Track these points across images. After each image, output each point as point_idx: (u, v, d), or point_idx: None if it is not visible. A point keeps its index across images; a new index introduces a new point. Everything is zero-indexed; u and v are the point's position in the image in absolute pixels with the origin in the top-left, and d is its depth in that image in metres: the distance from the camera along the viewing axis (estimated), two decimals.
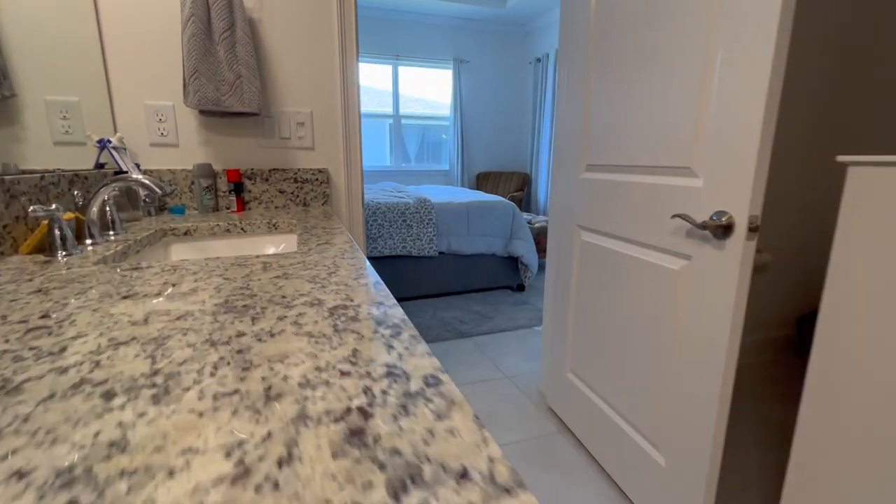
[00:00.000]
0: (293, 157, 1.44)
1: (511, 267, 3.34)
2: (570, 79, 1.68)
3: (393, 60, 5.58)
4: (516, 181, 5.80)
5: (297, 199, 1.44)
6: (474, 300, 3.17)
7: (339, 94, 1.43)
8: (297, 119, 1.41)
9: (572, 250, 1.71)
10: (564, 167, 1.74)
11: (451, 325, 2.74)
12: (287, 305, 0.51)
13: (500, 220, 3.25)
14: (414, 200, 3.12)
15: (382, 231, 2.96)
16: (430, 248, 3.05)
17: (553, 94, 5.34)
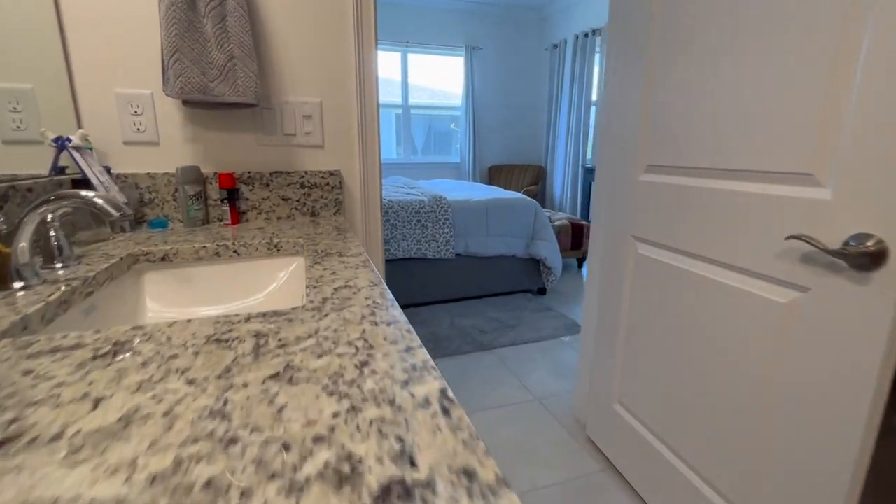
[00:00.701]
0: (299, 156, 1.18)
1: (532, 269, 3.08)
2: (624, 61, 1.41)
3: (402, 48, 5.28)
4: (530, 174, 5.52)
5: (305, 207, 1.19)
6: (493, 306, 2.93)
7: (354, 79, 1.17)
8: (303, 111, 1.15)
9: (624, 264, 1.45)
10: (615, 166, 1.47)
11: (471, 336, 2.50)
12: (289, 480, 0.26)
13: (521, 219, 2.99)
14: (429, 198, 2.86)
15: (395, 232, 2.71)
16: (447, 251, 2.79)
17: (571, 83, 5.03)
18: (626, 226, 1.43)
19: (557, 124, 5.31)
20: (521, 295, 3.13)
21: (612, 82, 1.52)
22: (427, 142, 7.99)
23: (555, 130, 5.39)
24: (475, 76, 5.49)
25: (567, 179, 5.15)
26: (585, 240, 3.68)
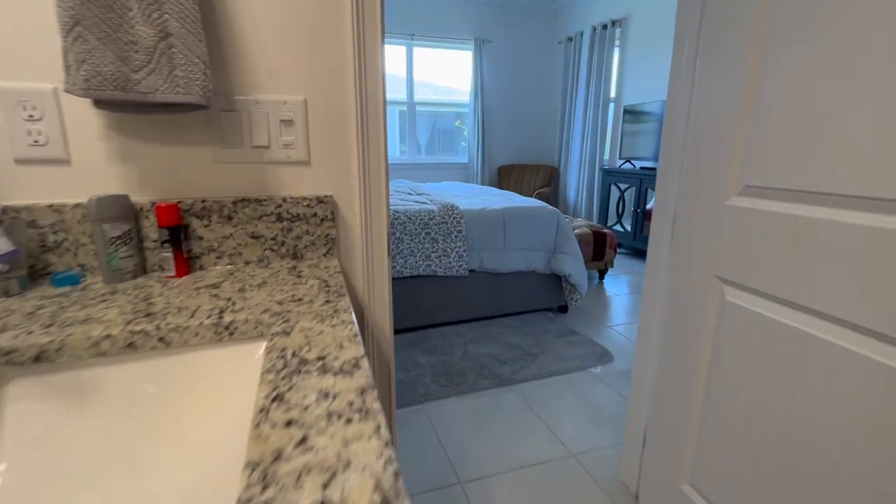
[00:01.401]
0: (275, 177, 0.84)
1: (552, 285, 2.74)
2: (709, 48, 1.05)
3: (407, 41, 4.92)
4: (542, 175, 5.17)
5: (284, 247, 0.85)
6: (510, 328, 2.59)
7: (352, 68, 0.83)
8: (280, 114, 0.81)
9: (704, 311, 1.11)
10: (691, 184, 1.13)
11: (488, 367, 2.16)
12: None
13: (541, 230, 2.64)
14: (439, 207, 2.51)
15: (402, 246, 2.37)
16: (460, 267, 2.45)
17: (587, 78, 4.66)
18: (707, 263, 1.09)
19: (572, 122, 4.95)
20: (541, 314, 2.79)
21: (677, 81, 1.16)
22: (431, 140, 7.65)
23: (569, 129, 5.02)
24: (484, 71, 5.13)
25: (582, 181, 4.80)
26: (609, 250, 3.34)
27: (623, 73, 4.39)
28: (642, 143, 3.97)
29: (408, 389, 1.99)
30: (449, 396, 1.97)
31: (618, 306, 2.99)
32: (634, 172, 3.90)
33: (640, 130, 3.98)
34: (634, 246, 3.96)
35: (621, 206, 4.13)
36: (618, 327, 2.66)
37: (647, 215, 3.86)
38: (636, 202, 3.87)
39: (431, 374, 2.10)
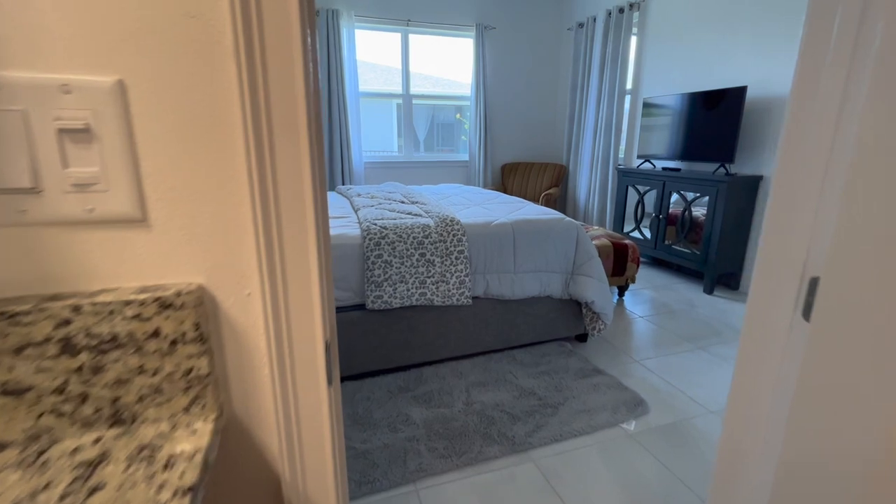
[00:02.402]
0: (58, 256, 0.38)
1: (569, 309, 2.28)
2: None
3: (402, 27, 4.41)
4: (550, 175, 4.69)
5: (84, 407, 0.39)
6: (522, 365, 2.13)
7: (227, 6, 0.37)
8: (60, 114, 0.35)
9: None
10: (851, 220, 0.66)
11: (497, 425, 1.72)
12: None
13: (558, 247, 2.18)
14: (436, 221, 2.05)
15: (390, 270, 1.91)
16: (461, 295, 1.99)
17: (601, 67, 4.17)
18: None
19: (584, 117, 4.46)
20: (556, 345, 2.33)
21: (820, 61, 0.70)
22: (430, 134, 7.13)
23: (580, 124, 4.53)
24: (487, 60, 4.63)
25: (594, 182, 4.32)
26: (631, 263, 2.88)
27: (641, 62, 3.89)
28: (663, 141, 3.49)
29: (395, 461, 1.54)
30: (449, 471, 1.52)
31: (643, 332, 2.54)
32: (655, 173, 3.43)
33: (660, 126, 3.50)
34: (655, 255, 3.50)
35: (640, 211, 3.66)
36: (647, 361, 2.21)
37: (669, 220, 3.40)
38: (658, 207, 3.40)
39: (426, 437, 1.65)
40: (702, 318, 2.70)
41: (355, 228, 2.02)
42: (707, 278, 3.08)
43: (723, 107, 2.99)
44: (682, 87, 3.50)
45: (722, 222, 2.95)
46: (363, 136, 4.54)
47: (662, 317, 2.74)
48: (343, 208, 2.52)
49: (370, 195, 2.73)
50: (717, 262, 3.02)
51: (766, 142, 2.94)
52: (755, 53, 2.95)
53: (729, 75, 3.13)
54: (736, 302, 2.96)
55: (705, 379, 2.06)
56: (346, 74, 4.19)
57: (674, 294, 3.09)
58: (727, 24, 3.11)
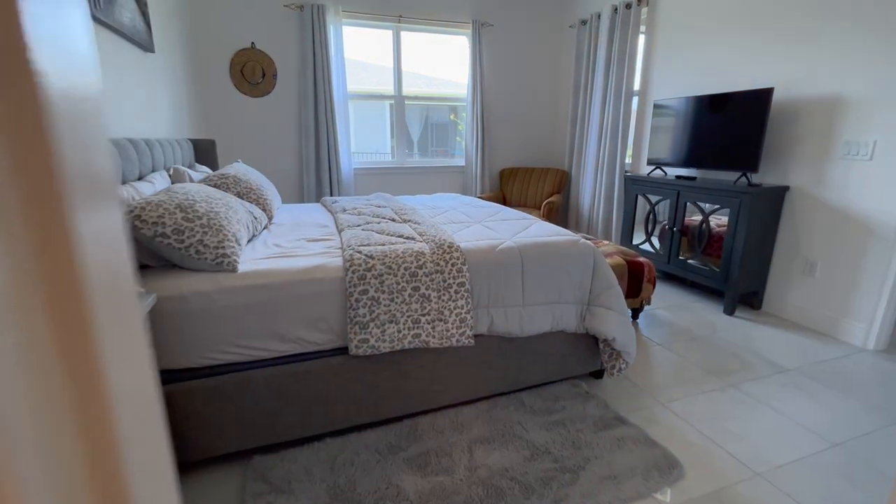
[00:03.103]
0: None
1: (584, 344, 1.98)
2: None
3: (393, 23, 4.08)
4: (551, 181, 4.39)
5: None
6: (532, 413, 1.82)
7: None
8: None
9: None
10: None
11: (506, 498, 1.40)
12: None
13: (573, 274, 1.87)
14: (431, 247, 1.73)
15: (378, 309, 1.59)
16: (462, 335, 1.68)
17: (606, 67, 3.87)
18: None
19: (588, 119, 4.16)
20: (569, 385, 2.02)
21: None
22: (424, 135, 6.83)
23: (583, 127, 4.23)
24: (484, 59, 4.31)
25: (599, 189, 4.02)
26: (646, 284, 2.58)
27: (651, 61, 3.59)
28: (676, 147, 3.19)
29: None
30: None
31: (663, 364, 2.24)
32: (668, 182, 3.13)
33: (673, 131, 3.21)
34: (668, 271, 3.21)
35: (651, 222, 3.37)
36: (674, 404, 1.91)
37: (684, 232, 3.10)
38: (672, 218, 3.11)
39: None
40: (726, 346, 2.41)
41: (336, 257, 1.69)
42: (728, 298, 2.79)
43: (745, 110, 2.69)
44: (697, 88, 3.21)
45: (745, 238, 2.66)
46: (356, 138, 4.22)
47: (682, 344, 2.44)
48: (326, 227, 2.19)
49: (357, 210, 2.40)
50: (739, 281, 2.73)
51: (793, 149, 2.65)
52: (781, 52, 2.65)
53: (751, 76, 2.83)
54: (760, 325, 2.67)
55: (743, 427, 1.76)
56: (334, 75, 3.86)
57: (692, 316, 2.79)
58: (749, 20, 2.81)
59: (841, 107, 2.40)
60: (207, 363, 1.47)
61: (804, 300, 2.66)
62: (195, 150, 2.85)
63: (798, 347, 2.40)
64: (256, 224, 1.96)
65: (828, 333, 2.55)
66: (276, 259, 1.67)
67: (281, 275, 1.53)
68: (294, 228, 2.16)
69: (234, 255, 1.53)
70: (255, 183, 2.27)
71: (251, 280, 1.49)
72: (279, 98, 3.86)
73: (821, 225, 2.55)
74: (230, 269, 1.50)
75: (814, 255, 2.59)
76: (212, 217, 1.55)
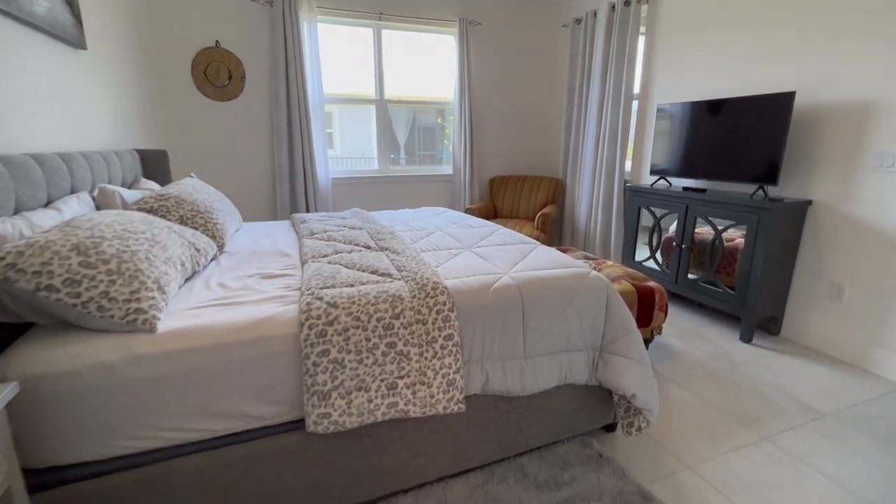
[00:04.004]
0: None
1: (595, 395, 1.65)
2: None
3: (373, 21, 3.72)
4: (545, 190, 4.07)
5: None
6: (535, 486, 1.48)
7: None
8: None
9: None
10: None
11: None
12: None
13: (584, 316, 1.54)
14: (411, 288, 1.38)
15: (342, 374, 1.23)
16: (450, 400, 1.33)
17: (603, 69, 3.56)
18: None
19: (584, 124, 3.85)
20: (578, 444, 1.69)
21: None
22: (411, 138, 6.53)
23: (579, 132, 3.92)
24: (472, 60, 3.97)
25: (597, 199, 3.71)
26: (658, 312, 2.26)
27: (652, 62, 3.29)
28: (682, 156, 2.89)
29: None
30: None
31: (684, 409, 1.92)
32: (675, 194, 2.83)
33: (678, 139, 2.91)
34: (676, 291, 2.90)
35: (657, 239, 3.06)
36: (703, 467, 1.59)
37: (692, 249, 2.80)
38: (681, 235, 2.80)
39: None
40: (749, 384, 2.10)
41: (292, 303, 1.33)
42: (745, 324, 2.50)
43: (763, 117, 2.40)
44: (704, 91, 2.91)
45: (764, 258, 2.36)
46: (341, 142, 3.85)
47: (700, 382, 2.13)
48: (287, 257, 1.83)
49: (326, 235, 2.04)
50: (757, 306, 2.43)
51: (816, 159, 2.36)
52: (801, 52, 2.36)
53: (765, 78, 2.54)
54: (782, 355, 2.38)
55: (789, 499, 1.45)
56: (308, 76, 3.49)
57: (706, 344, 2.49)
58: (763, 16, 2.52)
59: (873, 113, 2.12)
60: (115, 453, 1.10)
61: (829, 327, 2.38)
62: (143, 163, 2.45)
63: (829, 384, 2.11)
64: (199, 258, 1.59)
65: (858, 364, 2.27)
66: (215, 308, 1.31)
67: (216, 333, 1.17)
68: (249, 259, 1.79)
69: (154, 310, 1.16)
70: (205, 204, 1.90)
71: (176, 343, 1.13)
72: (248, 102, 3.48)
73: (849, 244, 2.26)
74: (147, 330, 1.14)
75: (841, 278, 2.31)
76: (125, 259, 1.19)
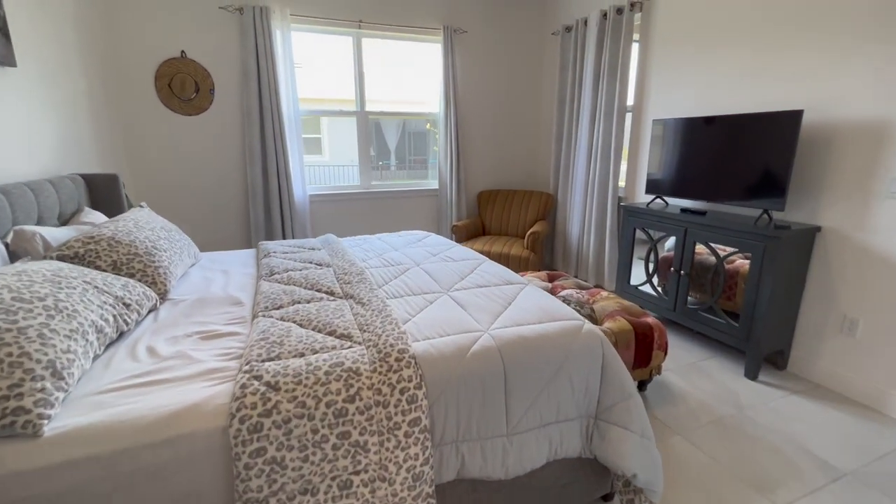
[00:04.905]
0: None
1: (589, 466, 1.43)
2: None
3: (353, 30, 3.49)
4: (535, 205, 3.85)
5: None
6: None
7: None
8: None
9: None
10: None
11: None
12: None
13: (575, 380, 1.31)
14: (372, 357, 1.15)
15: (282, 475, 1.00)
16: (418, 496, 1.10)
17: (595, 79, 3.35)
18: None
19: (575, 137, 3.63)
20: None
21: None
22: (401, 143, 6.38)
23: (570, 145, 3.71)
24: (458, 69, 3.75)
25: (589, 216, 3.50)
26: (657, 351, 2.05)
27: (646, 73, 3.08)
28: (680, 175, 2.69)
29: None
30: None
31: (691, 469, 1.70)
32: (672, 216, 2.62)
33: (675, 156, 2.70)
34: (674, 319, 2.69)
35: (653, 262, 2.85)
36: None
37: (691, 273, 2.59)
38: (679, 260, 2.60)
39: None
40: (760, 434, 1.89)
41: (225, 382, 1.10)
42: (750, 360, 2.29)
43: (768, 137, 2.19)
44: (702, 107, 2.71)
45: (771, 290, 2.15)
46: (332, 146, 3.60)
47: (706, 432, 1.91)
48: (238, 306, 1.59)
49: (287, 276, 1.80)
50: (763, 341, 2.23)
51: (824, 183, 2.16)
52: (809, 67, 2.16)
53: (768, 94, 2.34)
54: (791, 395, 2.17)
55: None
56: (282, 88, 3.24)
57: (709, 383, 2.28)
58: (766, 28, 2.32)
59: (889, 135, 1.92)
60: None
61: (841, 364, 2.18)
62: (90, 190, 2.20)
63: (846, 433, 1.91)
64: (129, 315, 1.35)
65: (873, 406, 2.07)
66: (132, 390, 1.07)
67: (121, 435, 0.93)
68: (194, 310, 1.55)
69: (42, 406, 0.92)
70: (146, 244, 1.65)
71: (66, 451, 0.89)
72: (218, 116, 3.23)
73: (863, 275, 2.06)
74: (30, 434, 0.90)
75: (854, 312, 2.11)
76: (5, 342, 0.94)
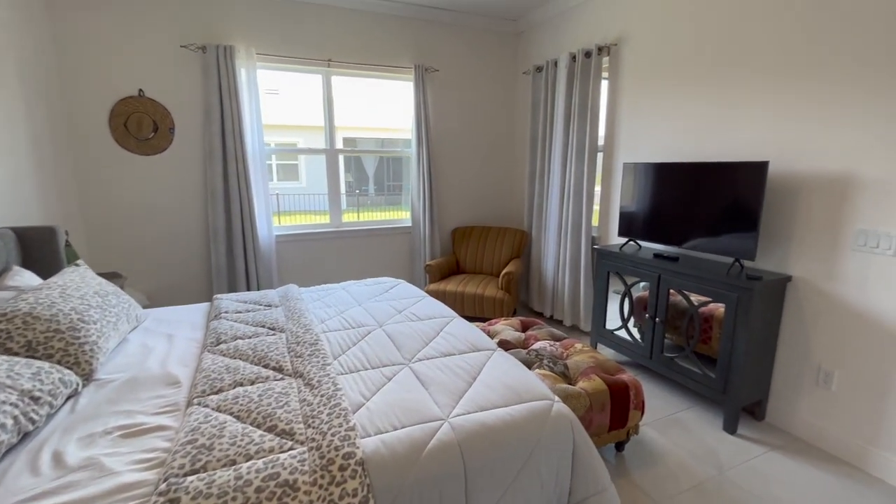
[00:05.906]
0: None
1: None
2: None
3: (322, 69, 3.41)
4: (510, 242, 3.78)
5: None
6: None
7: None
8: None
9: None
10: None
11: None
12: None
13: (544, 474, 1.18)
14: (313, 462, 1.00)
15: None
16: None
17: (566, 118, 3.33)
18: None
19: (548, 176, 3.60)
20: None
21: None
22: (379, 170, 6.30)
23: (543, 183, 3.67)
24: (430, 107, 3.70)
25: (563, 255, 3.43)
26: (634, 411, 1.95)
27: (616, 116, 3.08)
28: (652, 219, 2.65)
29: None
30: None
31: None
32: (646, 262, 2.56)
33: (647, 200, 2.67)
34: (650, 367, 2.61)
35: (627, 308, 2.78)
36: None
37: (666, 318, 2.53)
38: (654, 306, 2.53)
39: None
40: (742, 499, 1.79)
41: (139, 500, 0.93)
42: (727, 413, 2.21)
43: (735, 186, 2.17)
44: (673, 152, 2.70)
45: (746, 341, 2.09)
46: (309, 174, 3.45)
47: (687, 499, 1.80)
48: (173, 389, 1.41)
49: (234, 347, 1.64)
50: (741, 393, 2.15)
51: (794, 232, 2.14)
52: (776, 116, 2.16)
53: (739, 143, 2.33)
54: (771, 451, 2.09)
55: None
56: (247, 127, 3.12)
57: (687, 439, 2.18)
58: (733, 76, 2.33)
59: (854, 188, 1.91)
60: None
61: (819, 416, 2.11)
62: (22, 246, 2.01)
63: (828, 495, 1.82)
64: (37, 412, 1.16)
65: (854, 464, 1.99)
66: None
67: None
68: (122, 393, 1.37)
69: None
70: (69, 318, 1.47)
71: None
72: (177, 156, 3.07)
73: (835, 326, 2.02)
74: None
75: (829, 364, 2.06)
76: None
